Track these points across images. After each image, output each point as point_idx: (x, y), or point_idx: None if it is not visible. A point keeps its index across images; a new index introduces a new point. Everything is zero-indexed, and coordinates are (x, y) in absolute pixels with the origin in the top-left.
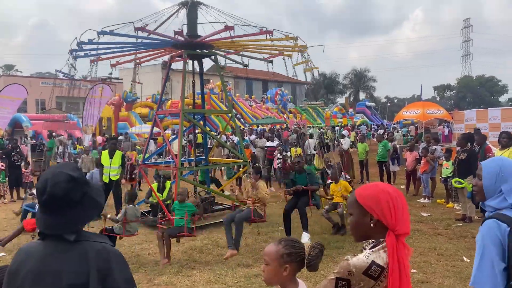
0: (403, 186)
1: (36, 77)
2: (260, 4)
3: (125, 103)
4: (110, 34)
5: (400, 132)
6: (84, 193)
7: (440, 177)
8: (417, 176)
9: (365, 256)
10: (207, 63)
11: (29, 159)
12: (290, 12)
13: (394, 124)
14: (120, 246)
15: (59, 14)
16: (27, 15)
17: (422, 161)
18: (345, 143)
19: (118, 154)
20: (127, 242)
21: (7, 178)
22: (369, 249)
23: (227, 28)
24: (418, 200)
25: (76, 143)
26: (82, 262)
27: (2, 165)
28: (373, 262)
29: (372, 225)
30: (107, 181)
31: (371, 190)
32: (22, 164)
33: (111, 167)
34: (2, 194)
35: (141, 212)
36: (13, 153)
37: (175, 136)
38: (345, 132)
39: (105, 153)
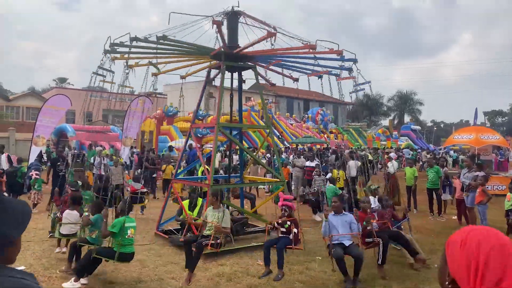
0: (455, 217)
1: (86, 89)
2: (301, 23)
3: (166, 117)
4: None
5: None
6: None
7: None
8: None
9: None
10: (249, 81)
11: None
12: (332, 32)
13: (443, 149)
14: (143, 267)
15: (110, 31)
16: (81, 32)
17: (477, 191)
18: (392, 166)
19: None
20: (151, 263)
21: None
22: None
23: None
24: None
25: (113, 154)
26: None
27: (37, 174)
28: None
29: (447, 283)
30: None
31: (461, 234)
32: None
33: None
34: (36, 203)
35: (170, 229)
36: (58, 163)
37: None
38: (392, 154)
39: None
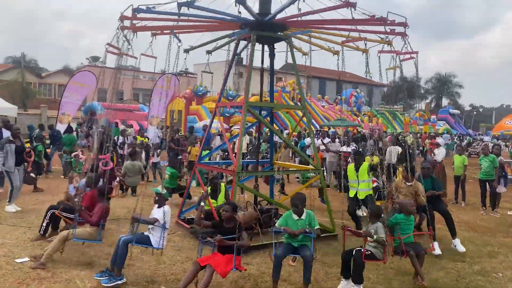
0: (511, 212)
1: (119, 68)
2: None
3: (195, 97)
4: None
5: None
6: None
7: None
8: None
9: None
10: (280, 61)
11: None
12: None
13: (491, 135)
14: (158, 263)
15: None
16: (116, 12)
17: None
18: (439, 153)
19: None
20: (168, 259)
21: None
22: None
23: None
24: None
25: (137, 134)
26: None
27: (76, 155)
28: None
29: None
30: None
31: None
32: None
33: None
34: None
35: (192, 218)
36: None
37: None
38: (440, 140)
39: None
